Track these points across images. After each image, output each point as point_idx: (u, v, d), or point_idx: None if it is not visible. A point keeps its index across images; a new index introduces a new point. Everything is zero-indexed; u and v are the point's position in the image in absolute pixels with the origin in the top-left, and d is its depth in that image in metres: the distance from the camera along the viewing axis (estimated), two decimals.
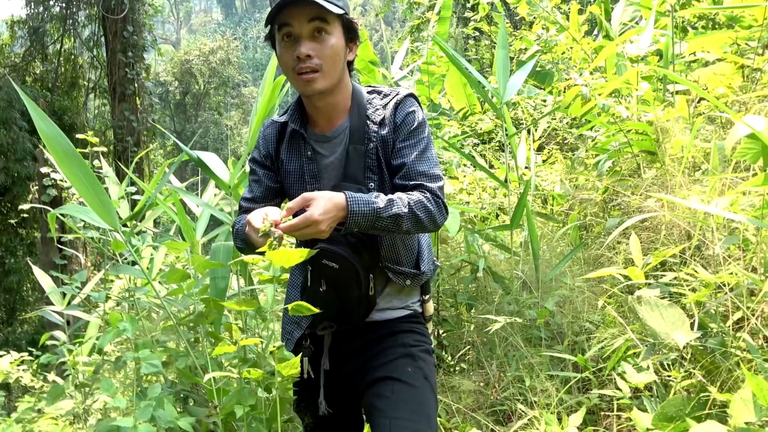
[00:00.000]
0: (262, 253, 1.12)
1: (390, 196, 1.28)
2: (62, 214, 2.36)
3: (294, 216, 1.19)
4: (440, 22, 4.86)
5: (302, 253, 1.08)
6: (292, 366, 1.12)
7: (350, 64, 1.41)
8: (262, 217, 1.18)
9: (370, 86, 1.46)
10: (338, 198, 1.21)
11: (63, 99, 10.77)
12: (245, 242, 1.31)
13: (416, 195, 1.30)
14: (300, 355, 1.19)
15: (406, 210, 1.26)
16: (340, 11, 1.28)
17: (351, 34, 1.35)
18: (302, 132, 1.42)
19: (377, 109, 1.40)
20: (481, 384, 2.19)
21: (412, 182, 1.34)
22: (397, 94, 1.40)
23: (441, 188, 1.35)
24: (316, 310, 1.17)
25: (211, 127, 22.80)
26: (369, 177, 1.37)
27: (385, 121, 1.38)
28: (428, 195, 1.32)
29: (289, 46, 1.31)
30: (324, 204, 1.18)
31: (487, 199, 3.29)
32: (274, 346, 1.18)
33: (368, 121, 1.38)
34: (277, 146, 1.47)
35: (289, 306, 1.15)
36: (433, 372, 1.42)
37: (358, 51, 1.42)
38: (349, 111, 1.40)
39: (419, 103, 1.42)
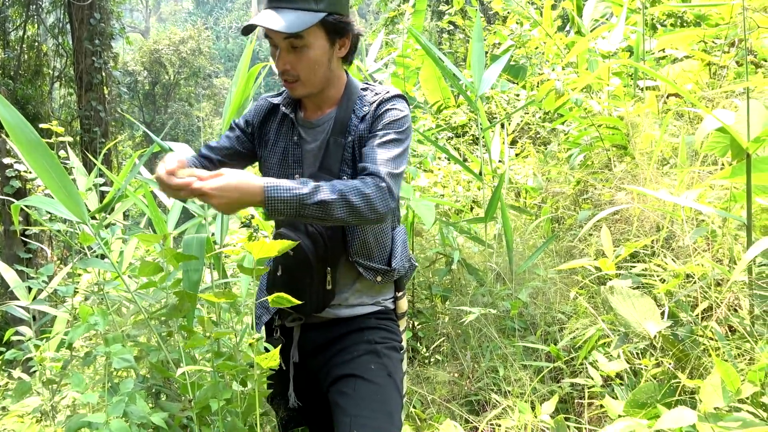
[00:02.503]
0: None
1: (319, 182, 1.22)
2: (27, 206, 2.29)
3: None
4: (415, 15, 4.87)
5: (281, 245, 1.07)
6: (272, 358, 1.11)
7: (348, 55, 1.40)
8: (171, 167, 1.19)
9: (367, 83, 1.46)
10: (251, 183, 1.17)
11: (26, 87, 10.42)
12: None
13: (354, 181, 1.24)
14: (278, 348, 1.18)
15: (335, 196, 1.18)
16: (312, 23, 1.26)
17: (337, 32, 1.33)
18: (292, 117, 1.43)
19: (365, 105, 1.40)
20: (456, 375, 2.21)
21: (362, 164, 1.28)
22: (387, 92, 1.40)
23: (392, 175, 1.26)
24: (296, 302, 1.16)
25: (181, 119, 22.38)
26: (343, 170, 1.37)
27: (368, 116, 1.38)
28: (369, 180, 1.23)
29: (274, 51, 1.33)
30: (224, 182, 1.16)
31: (462, 192, 3.31)
32: (252, 338, 1.17)
33: (352, 115, 1.39)
34: (264, 121, 1.48)
35: (270, 298, 1.14)
36: (398, 369, 1.42)
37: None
38: (339, 102, 1.40)
39: (407, 105, 1.40)
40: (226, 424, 1.47)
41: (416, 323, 2.56)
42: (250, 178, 1.18)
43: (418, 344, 2.51)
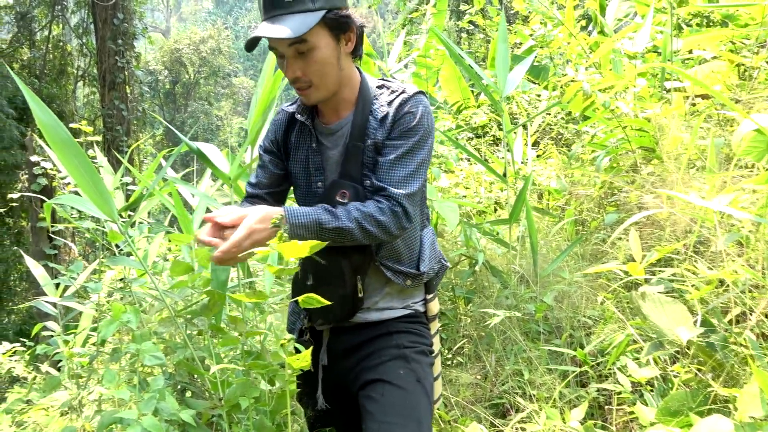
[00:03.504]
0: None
1: (338, 208, 1.26)
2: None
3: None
4: (436, 15, 4.85)
5: (311, 246, 1.07)
6: (304, 359, 1.12)
7: (355, 50, 1.35)
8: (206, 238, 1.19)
9: (381, 79, 1.42)
10: (273, 212, 1.21)
11: (51, 86, 10.62)
12: None
13: (369, 207, 1.27)
14: (310, 348, 1.18)
15: (352, 225, 1.24)
16: (313, 23, 1.23)
17: (341, 28, 1.29)
18: (308, 124, 1.41)
19: (382, 106, 1.35)
20: (479, 377, 2.20)
21: (378, 184, 1.30)
22: (404, 92, 1.35)
23: (407, 196, 1.28)
24: (326, 302, 1.16)
25: (201, 117, 22.60)
26: (365, 174, 1.34)
27: (387, 118, 1.33)
28: (384, 205, 1.27)
29: (281, 63, 1.31)
30: (258, 214, 1.18)
31: (484, 194, 3.30)
32: (285, 339, 1.17)
33: (370, 117, 1.35)
34: (286, 133, 1.46)
35: (300, 298, 1.15)
36: (428, 374, 1.40)
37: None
38: (355, 104, 1.37)
39: (427, 101, 1.36)
40: (255, 422, 1.48)
41: (439, 324, 2.56)
42: (269, 209, 1.21)
43: (441, 346, 2.51)
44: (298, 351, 1.27)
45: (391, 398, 1.30)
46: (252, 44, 1.26)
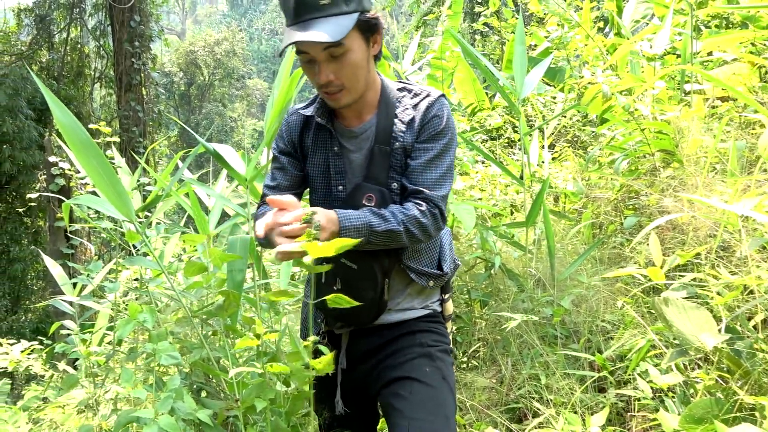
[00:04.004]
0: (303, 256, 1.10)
1: (383, 211, 1.27)
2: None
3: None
4: (451, 17, 4.84)
5: (340, 244, 1.06)
6: (327, 363, 1.11)
7: (376, 56, 1.35)
8: (290, 216, 1.15)
9: (400, 82, 1.42)
10: (332, 213, 1.21)
11: (69, 88, 10.76)
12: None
13: (412, 210, 1.28)
14: (334, 352, 1.17)
15: (400, 228, 1.26)
16: (351, 26, 1.21)
17: (371, 30, 1.28)
18: (329, 128, 1.39)
19: (406, 109, 1.36)
20: (495, 381, 2.18)
21: (413, 186, 1.31)
22: (428, 95, 1.36)
23: (443, 198, 1.32)
24: (355, 303, 1.16)
25: (215, 119, 22.77)
26: (392, 177, 1.35)
27: (415, 121, 1.34)
28: (424, 207, 1.29)
29: (310, 67, 1.28)
30: (325, 215, 1.18)
31: (499, 196, 3.28)
32: (308, 340, 1.16)
33: (396, 120, 1.35)
34: (301, 135, 1.44)
35: (328, 298, 1.14)
36: (451, 372, 1.41)
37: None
38: (377, 107, 1.37)
39: (449, 106, 1.38)
40: (270, 423, 1.48)
41: (454, 328, 2.54)
42: (326, 210, 1.21)
43: (456, 349, 2.49)
44: (316, 355, 1.26)
45: (419, 395, 1.30)
46: (284, 50, 1.24)
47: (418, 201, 1.30)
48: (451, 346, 1.48)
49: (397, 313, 1.41)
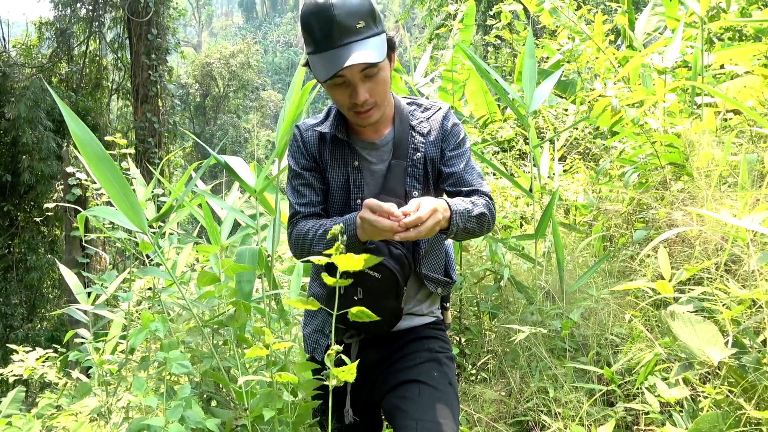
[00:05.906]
0: (329, 255, 1.11)
1: (465, 199, 1.34)
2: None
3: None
4: (463, 30, 4.87)
5: (367, 259, 1.08)
6: (349, 372, 1.12)
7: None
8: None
9: (407, 97, 1.48)
10: (440, 200, 1.26)
11: (87, 99, 10.95)
12: (330, 246, 1.24)
13: (482, 199, 1.37)
14: (357, 361, 1.18)
15: (487, 211, 1.34)
16: (385, 45, 1.27)
17: (392, 48, 1.34)
18: (349, 142, 1.42)
19: (421, 122, 1.43)
20: (503, 394, 2.18)
21: (467, 188, 1.39)
22: (440, 108, 1.45)
23: (490, 192, 1.43)
24: (376, 317, 1.17)
25: (229, 130, 23.01)
26: (413, 186, 1.40)
27: (432, 131, 1.42)
28: (488, 199, 1.39)
29: (342, 89, 1.30)
30: (434, 202, 1.22)
31: (509, 208, 3.28)
32: (333, 350, 1.16)
33: (413, 132, 1.42)
34: (320, 149, 1.46)
35: (351, 310, 1.15)
36: (455, 379, 1.45)
37: None
38: (392, 121, 1.42)
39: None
40: None
41: (463, 340, 2.54)
42: (432, 198, 1.25)
43: (464, 361, 2.49)
44: (324, 368, 1.26)
45: (427, 398, 1.33)
46: (331, 75, 1.24)
47: (476, 197, 1.38)
48: (453, 353, 1.51)
49: (406, 319, 1.44)
